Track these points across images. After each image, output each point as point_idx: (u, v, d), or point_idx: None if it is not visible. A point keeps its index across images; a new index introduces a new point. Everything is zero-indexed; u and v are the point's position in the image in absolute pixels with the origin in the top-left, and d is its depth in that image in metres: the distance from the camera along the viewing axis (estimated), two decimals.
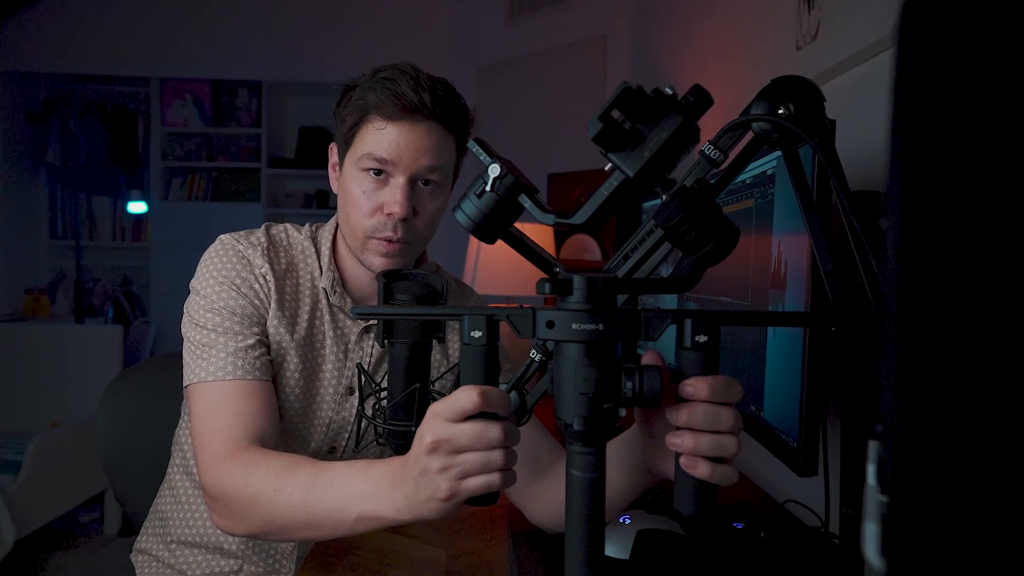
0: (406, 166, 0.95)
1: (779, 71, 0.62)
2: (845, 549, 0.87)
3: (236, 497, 0.83)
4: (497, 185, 0.56)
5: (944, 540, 0.28)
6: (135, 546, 1.14)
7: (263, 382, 0.95)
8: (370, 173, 0.96)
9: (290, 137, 4.43)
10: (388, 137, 0.94)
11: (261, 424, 0.91)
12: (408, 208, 0.95)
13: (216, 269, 0.98)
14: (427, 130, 0.95)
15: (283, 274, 1.01)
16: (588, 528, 0.53)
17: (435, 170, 0.97)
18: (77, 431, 2.63)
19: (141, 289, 4.35)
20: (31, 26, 3.93)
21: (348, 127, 0.97)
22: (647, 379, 0.53)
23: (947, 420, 0.27)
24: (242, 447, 0.86)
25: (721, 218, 0.55)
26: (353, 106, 0.96)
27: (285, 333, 1.00)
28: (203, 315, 0.96)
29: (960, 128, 0.27)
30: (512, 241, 0.60)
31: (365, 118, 0.95)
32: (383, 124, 0.94)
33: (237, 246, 1.00)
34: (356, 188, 0.97)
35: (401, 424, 0.75)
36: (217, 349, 0.94)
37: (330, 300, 1.03)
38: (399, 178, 0.95)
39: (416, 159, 0.95)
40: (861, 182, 0.92)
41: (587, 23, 3.22)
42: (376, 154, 0.94)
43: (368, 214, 0.97)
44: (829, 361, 0.78)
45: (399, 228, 0.96)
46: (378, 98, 0.93)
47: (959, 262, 0.27)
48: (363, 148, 0.95)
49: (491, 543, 1.00)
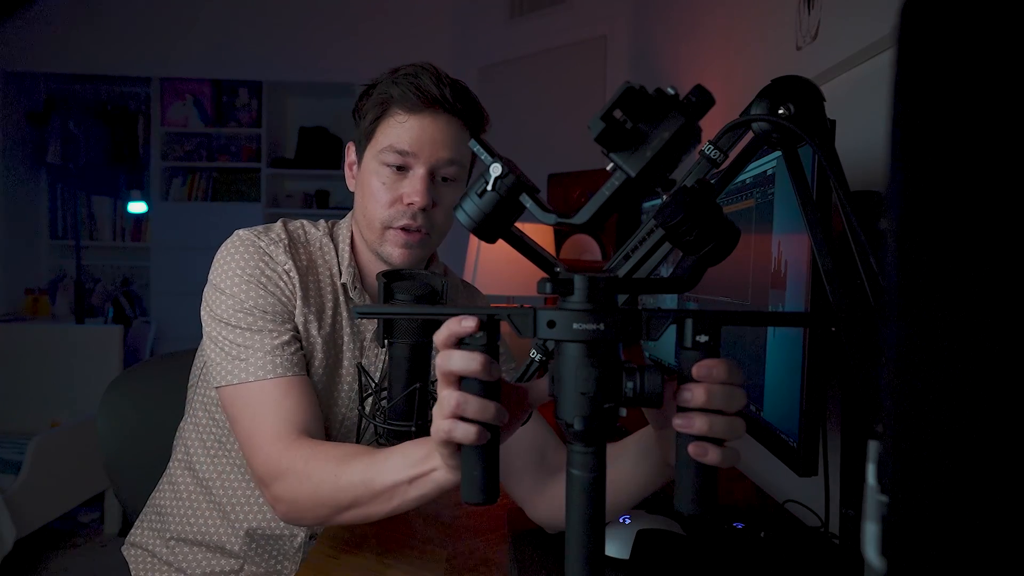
0: (426, 158, 0.96)
1: (779, 71, 0.62)
2: (845, 549, 0.87)
3: (299, 489, 0.85)
4: (498, 184, 0.56)
5: (944, 540, 0.28)
6: (128, 539, 1.13)
7: (302, 377, 0.95)
8: (390, 168, 0.97)
9: (290, 137, 4.43)
10: (410, 130, 0.95)
11: (306, 418, 0.92)
12: (428, 198, 0.96)
13: (239, 266, 0.97)
14: (447, 123, 0.97)
15: (305, 270, 1.02)
16: (588, 528, 0.53)
17: (453, 163, 0.98)
18: (77, 431, 2.63)
19: (141, 289, 4.34)
20: (31, 26, 3.93)
21: (369, 121, 0.99)
22: (648, 379, 0.53)
23: (947, 420, 0.27)
24: (295, 442, 0.88)
25: (721, 218, 0.55)
26: (375, 101, 0.98)
27: (313, 328, 1.00)
28: (233, 315, 0.95)
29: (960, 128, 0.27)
30: (513, 241, 0.60)
31: (387, 112, 0.97)
32: (405, 117, 0.96)
33: (258, 242, 0.99)
34: (376, 180, 0.98)
35: (401, 424, 0.75)
36: (255, 349, 0.94)
37: (350, 296, 1.04)
38: (419, 169, 0.96)
39: (436, 151, 0.96)
40: (861, 182, 0.92)
41: (587, 23, 3.22)
42: (397, 146, 0.95)
43: (387, 204, 0.98)
44: (829, 361, 0.78)
45: (419, 217, 0.97)
46: (401, 91, 0.95)
47: (959, 262, 0.27)
48: (384, 141, 0.97)
49: (491, 543, 1.00)
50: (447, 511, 1.11)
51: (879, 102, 1.02)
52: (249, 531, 1.05)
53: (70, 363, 3.03)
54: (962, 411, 0.27)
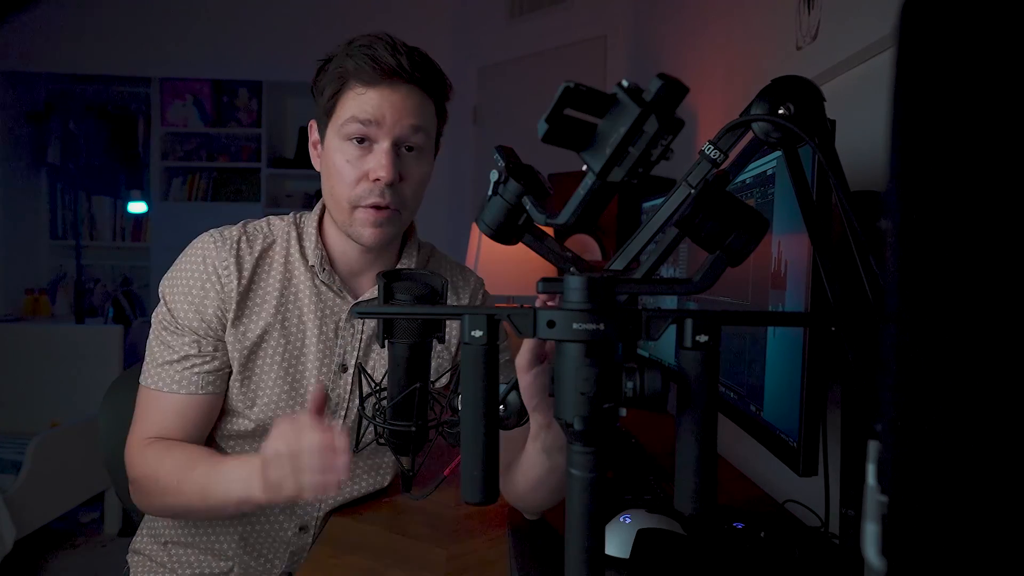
0: (389, 128, 0.94)
1: (779, 71, 0.62)
2: (845, 549, 0.87)
3: (148, 484, 0.98)
4: (501, 190, 0.57)
5: (944, 540, 0.28)
6: (131, 546, 1.15)
7: (202, 396, 1.00)
8: (353, 142, 0.95)
9: (290, 137, 4.43)
10: (370, 101, 0.94)
11: (189, 431, 1.00)
12: (394, 172, 0.95)
13: (182, 278, 1.01)
14: (407, 93, 0.95)
15: (257, 260, 1.02)
16: (588, 528, 0.53)
17: (419, 130, 0.96)
18: (77, 431, 2.63)
19: (141, 289, 4.34)
20: (31, 26, 3.93)
21: (328, 97, 0.97)
22: (648, 379, 0.53)
23: (947, 420, 0.27)
24: (151, 445, 0.99)
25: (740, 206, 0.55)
26: (331, 75, 0.96)
27: (263, 313, 1.01)
28: (160, 320, 1.01)
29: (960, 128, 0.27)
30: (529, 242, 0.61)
31: (345, 86, 0.95)
32: (363, 90, 0.94)
33: (207, 247, 1.02)
34: (340, 157, 0.96)
35: (401, 424, 0.75)
36: (162, 361, 1.00)
37: (319, 278, 1.03)
38: (383, 143, 0.95)
39: (399, 120, 0.94)
40: (861, 182, 0.92)
41: (587, 23, 3.22)
42: (359, 116, 0.94)
43: (353, 183, 0.96)
44: (829, 361, 0.78)
45: (386, 193, 0.96)
46: (356, 64, 0.93)
47: (959, 262, 0.27)
48: (345, 114, 0.95)
49: (491, 543, 1.00)
50: (447, 511, 1.11)
51: (879, 102, 1.02)
52: (242, 526, 1.05)
53: (70, 363, 3.03)
54: (962, 411, 0.27)
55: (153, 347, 1.01)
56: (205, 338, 1.00)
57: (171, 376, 0.99)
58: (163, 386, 0.99)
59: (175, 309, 1.00)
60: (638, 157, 0.49)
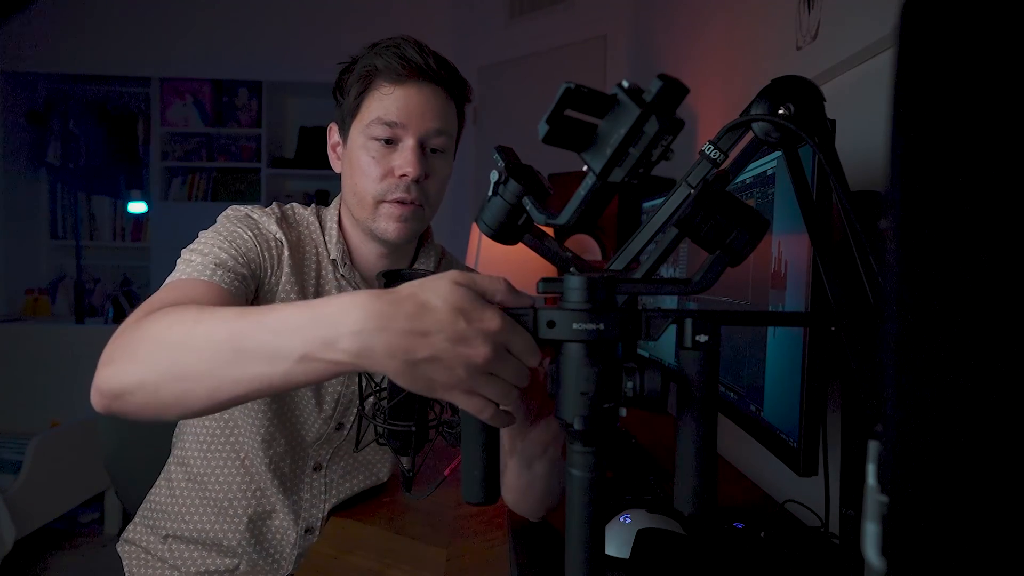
0: (415, 127, 0.95)
1: (779, 71, 0.62)
2: (845, 549, 0.87)
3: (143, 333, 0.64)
4: (501, 190, 0.57)
5: (944, 540, 0.28)
6: (123, 536, 1.13)
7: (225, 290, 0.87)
8: (379, 142, 0.96)
9: (290, 137, 4.43)
10: (396, 100, 0.95)
11: None
12: (421, 169, 0.96)
13: (229, 222, 0.97)
14: (432, 93, 0.96)
15: (295, 244, 1.02)
16: (588, 528, 0.53)
17: (442, 134, 0.98)
18: (77, 431, 2.63)
19: (141, 289, 4.34)
20: (31, 26, 3.93)
21: (354, 96, 0.98)
22: (648, 379, 0.53)
23: (947, 419, 0.27)
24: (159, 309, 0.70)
25: (739, 205, 0.55)
26: (358, 75, 0.97)
27: (293, 292, 1.00)
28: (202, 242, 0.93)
29: (960, 128, 0.27)
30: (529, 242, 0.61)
31: (371, 85, 0.96)
32: (390, 89, 0.95)
33: (251, 214, 1.00)
34: (365, 155, 0.97)
35: (401, 424, 0.75)
36: (203, 256, 0.89)
37: (340, 272, 1.03)
38: (409, 140, 0.96)
39: (425, 121, 0.96)
40: (861, 182, 0.92)
41: (587, 23, 3.22)
42: (386, 118, 0.95)
43: (378, 178, 0.97)
44: (829, 361, 0.78)
45: (412, 189, 0.96)
46: (385, 62, 0.94)
47: (959, 262, 0.27)
48: (371, 114, 0.96)
49: (491, 543, 1.00)
50: (447, 511, 1.11)
51: (879, 102, 1.02)
52: (251, 522, 1.05)
53: (70, 363, 3.03)
54: (962, 411, 0.27)
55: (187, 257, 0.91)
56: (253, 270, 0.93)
57: (194, 268, 0.88)
58: (181, 274, 0.87)
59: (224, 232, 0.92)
60: (638, 157, 0.49)
